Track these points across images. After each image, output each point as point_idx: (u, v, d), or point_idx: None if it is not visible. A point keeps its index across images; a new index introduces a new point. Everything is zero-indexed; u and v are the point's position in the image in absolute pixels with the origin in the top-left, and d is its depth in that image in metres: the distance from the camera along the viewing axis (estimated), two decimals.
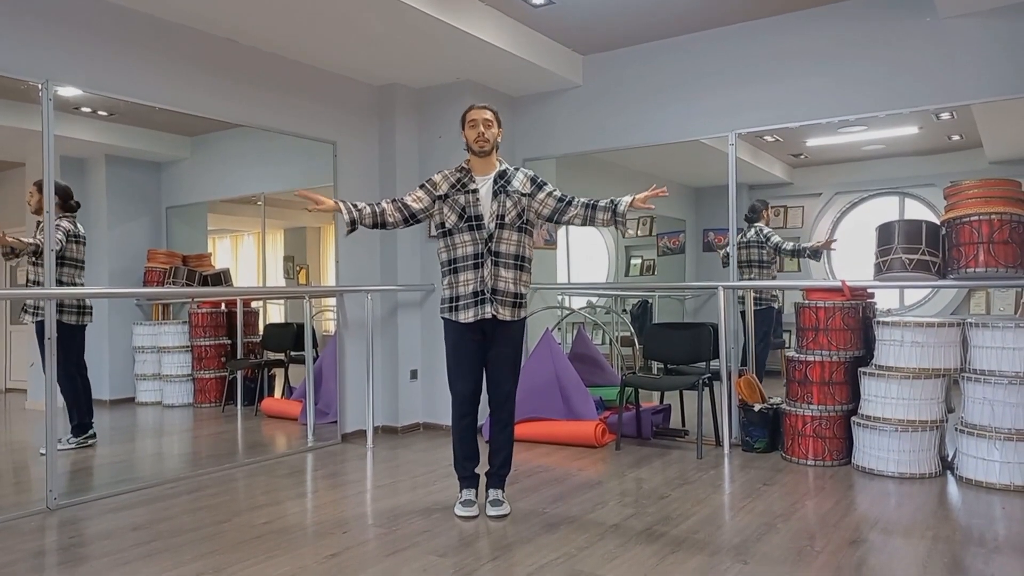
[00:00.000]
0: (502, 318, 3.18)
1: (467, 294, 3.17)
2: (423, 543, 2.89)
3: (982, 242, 3.70)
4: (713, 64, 4.78)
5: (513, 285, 3.20)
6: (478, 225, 3.17)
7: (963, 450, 3.72)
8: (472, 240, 3.18)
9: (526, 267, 3.26)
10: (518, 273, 3.22)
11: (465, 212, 3.18)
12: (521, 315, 3.26)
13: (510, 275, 3.19)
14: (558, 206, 3.25)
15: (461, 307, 3.18)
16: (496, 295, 3.16)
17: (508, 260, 3.18)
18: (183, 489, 3.73)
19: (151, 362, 4.62)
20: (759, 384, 4.53)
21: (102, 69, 3.73)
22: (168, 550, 2.83)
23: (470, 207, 3.19)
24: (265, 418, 5.13)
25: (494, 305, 3.15)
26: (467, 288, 3.17)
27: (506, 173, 3.27)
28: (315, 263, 5.35)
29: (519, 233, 3.22)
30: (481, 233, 3.17)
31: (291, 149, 4.81)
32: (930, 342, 3.82)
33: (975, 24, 4.02)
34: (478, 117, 3.22)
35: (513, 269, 3.20)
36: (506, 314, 3.18)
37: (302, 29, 4.19)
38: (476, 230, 3.17)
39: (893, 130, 4.53)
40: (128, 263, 4.40)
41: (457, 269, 3.20)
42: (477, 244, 3.17)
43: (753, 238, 5.03)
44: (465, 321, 3.18)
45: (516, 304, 3.22)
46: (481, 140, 3.21)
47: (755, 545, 2.82)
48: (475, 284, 3.16)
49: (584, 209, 3.23)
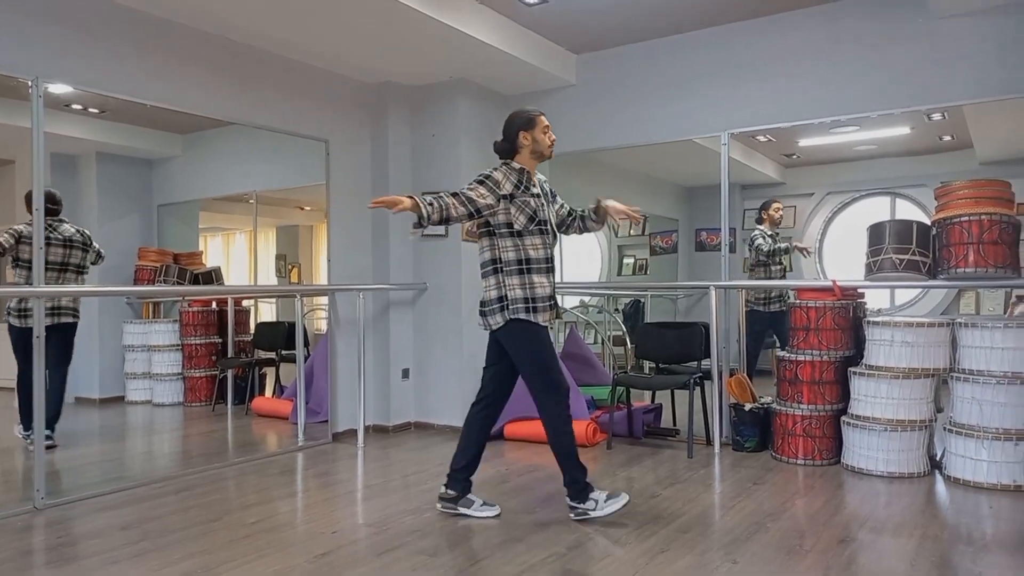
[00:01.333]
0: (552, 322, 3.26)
1: (544, 297, 3.17)
2: (413, 543, 2.89)
3: (972, 242, 3.71)
4: (706, 64, 4.79)
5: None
6: (546, 230, 3.21)
7: (951, 449, 3.74)
8: (544, 244, 3.19)
9: None
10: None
11: (536, 215, 3.17)
12: None
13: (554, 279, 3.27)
14: (567, 219, 3.41)
15: (540, 309, 3.15)
16: (553, 299, 3.23)
17: (553, 264, 3.26)
18: (172, 488, 3.71)
19: (141, 361, 4.60)
20: (750, 383, 4.54)
21: (93, 66, 3.71)
22: (157, 549, 2.82)
23: (540, 211, 3.19)
24: (256, 417, 5.12)
25: (556, 310, 3.24)
26: (544, 291, 3.17)
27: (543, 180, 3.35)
28: (307, 261, 5.33)
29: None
30: (549, 238, 3.22)
31: (284, 147, 4.79)
32: (920, 342, 3.84)
33: (967, 25, 4.04)
34: (549, 124, 3.27)
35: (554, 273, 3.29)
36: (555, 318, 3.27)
37: (295, 26, 4.18)
38: (547, 235, 3.21)
39: (885, 130, 4.55)
40: (119, 261, 4.38)
41: (531, 271, 3.15)
42: (548, 248, 3.21)
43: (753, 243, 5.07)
44: (544, 323, 3.18)
45: None
46: (550, 147, 3.26)
47: (745, 544, 2.83)
48: (549, 288, 3.19)
49: (577, 220, 3.42)
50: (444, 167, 5.19)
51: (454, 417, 5.18)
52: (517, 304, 3.12)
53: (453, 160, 5.13)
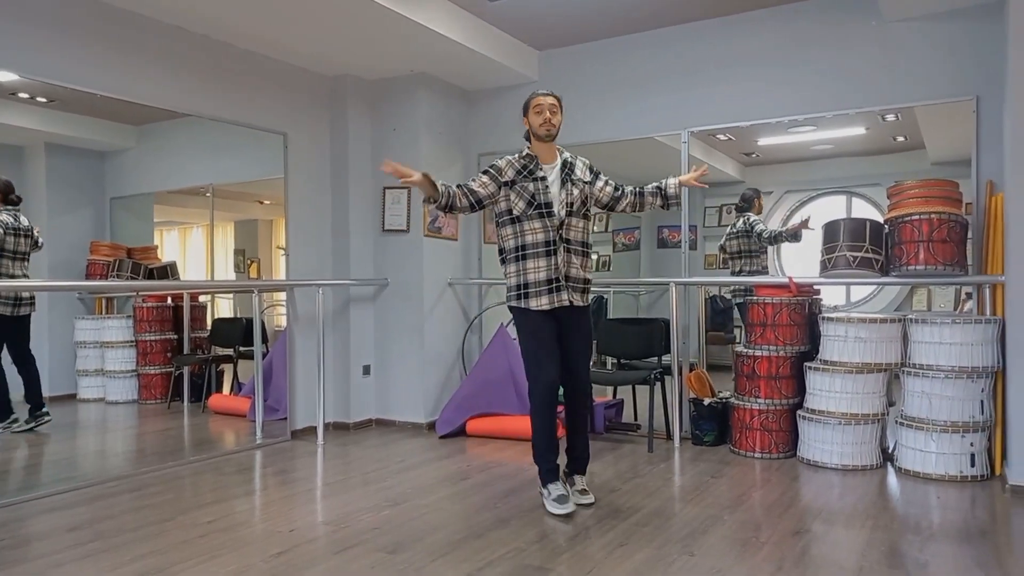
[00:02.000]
0: (577, 304, 3.23)
1: (539, 281, 3.19)
2: (372, 540, 2.87)
3: (922, 240, 3.81)
4: (667, 62, 4.83)
5: (583, 271, 3.27)
6: (548, 212, 3.19)
7: (902, 442, 3.83)
8: (543, 227, 3.19)
9: (590, 253, 3.34)
10: (584, 259, 3.29)
11: (535, 199, 3.19)
12: (588, 300, 3.33)
13: (579, 261, 3.25)
14: (615, 194, 3.40)
15: (533, 294, 3.19)
16: (570, 281, 3.21)
17: (577, 247, 3.25)
18: (126, 487, 3.63)
19: (94, 357, 4.48)
20: (709, 379, 4.60)
21: (41, 54, 3.60)
22: (108, 550, 2.75)
23: (540, 194, 3.20)
24: (213, 415, 5.02)
25: (569, 292, 3.20)
26: (538, 275, 3.19)
27: (568, 161, 3.32)
28: (266, 257, 5.25)
29: (584, 220, 3.30)
30: (552, 220, 3.20)
31: (241, 140, 4.71)
32: (873, 337, 3.93)
33: (917, 28, 4.14)
34: (544, 103, 3.24)
35: (581, 256, 3.27)
36: (579, 300, 3.25)
37: (253, 17, 4.10)
38: (547, 217, 3.19)
39: (841, 131, 4.63)
40: (70, 255, 4.25)
41: (526, 256, 3.20)
42: (548, 231, 3.19)
43: (742, 228, 5.05)
44: (539, 308, 3.18)
45: (586, 290, 3.30)
46: (548, 125, 3.22)
47: (702, 537, 2.86)
48: (548, 271, 3.18)
49: (634, 196, 3.41)
50: (404, 161, 5.10)
51: (415, 414, 5.15)
52: (511, 292, 3.28)
53: (413, 154, 5.09)
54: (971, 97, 4.01)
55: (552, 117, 3.23)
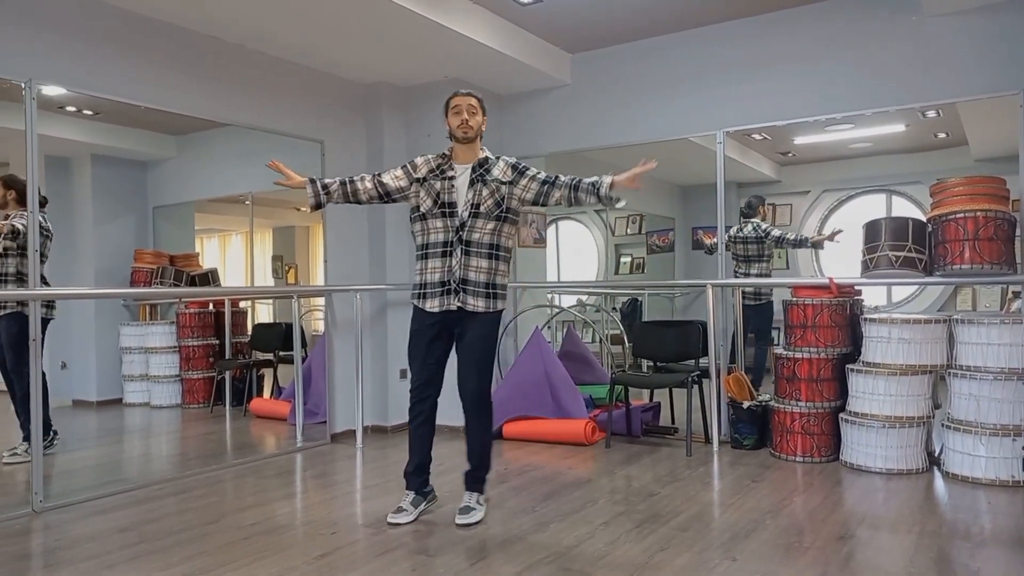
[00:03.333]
0: (472, 309, 3.09)
1: (434, 282, 3.12)
2: (412, 543, 2.89)
3: (967, 239, 3.72)
4: (701, 62, 4.79)
5: (486, 275, 3.10)
6: (451, 212, 3.11)
7: (949, 446, 3.74)
8: (444, 227, 3.11)
9: (503, 256, 3.16)
10: (493, 263, 3.12)
11: (439, 198, 3.13)
12: (496, 307, 3.15)
13: (483, 264, 3.10)
14: (542, 189, 3.14)
15: (428, 295, 3.14)
16: (467, 285, 3.08)
17: (481, 249, 3.10)
18: (171, 491, 3.70)
19: (139, 363, 4.59)
20: (748, 381, 4.54)
21: (87, 68, 3.70)
22: (155, 552, 2.81)
23: (444, 193, 3.13)
24: (254, 419, 5.10)
25: (462, 296, 3.08)
26: (434, 276, 3.12)
27: (487, 162, 3.18)
28: (304, 262, 5.32)
29: (496, 222, 3.12)
30: (452, 221, 3.09)
31: (279, 148, 4.78)
32: (917, 339, 3.84)
33: (960, 22, 4.04)
34: (462, 103, 3.15)
35: (488, 259, 3.11)
36: (478, 304, 3.09)
37: (289, 27, 4.17)
38: (448, 217, 3.11)
39: (880, 128, 4.56)
40: (114, 263, 4.37)
41: (427, 255, 3.15)
42: (448, 232, 3.10)
43: (751, 233, 5.03)
44: (430, 310, 3.14)
45: (489, 295, 3.12)
46: (464, 127, 3.13)
47: (743, 541, 2.83)
48: (442, 273, 3.10)
49: (568, 191, 3.11)
50: None
51: (452, 417, 5.14)
52: (414, 290, 3.22)
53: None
54: (1016, 91, 3.90)
55: (470, 118, 3.12)
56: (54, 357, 3.97)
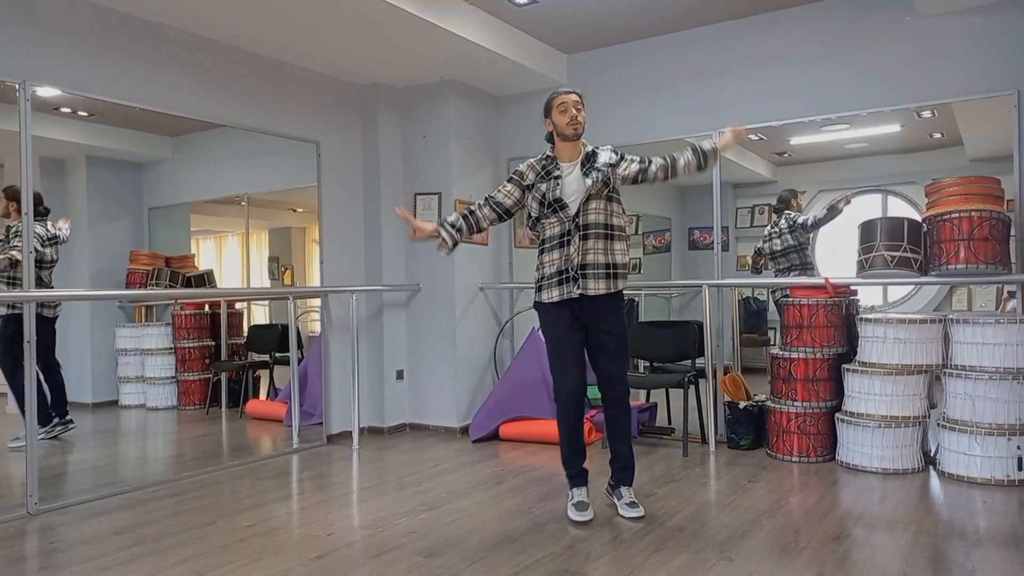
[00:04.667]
0: (594, 292, 3.08)
1: (551, 273, 3.14)
2: (408, 544, 2.89)
3: (962, 239, 3.73)
4: (696, 63, 4.80)
5: (604, 255, 3.10)
6: (561, 206, 3.12)
7: (945, 445, 3.75)
8: (558, 220, 3.12)
9: (617, 235, 3.15)
10: (608, 243, 3.12)
11: (546, 198, 3.14)
12: (618, 287, 3.13)
13: (600, 245, 3.10)
14: (641, 167, 3.18)
15: (545, 287, 3.16)
16: (586, 269, 3.08)
17: (598, 230, 3.10)
18: (166, 492, 3.69)
19: (134, 364, 4.57)
20: (744, 381, 4.55)
21: (81, 69, 3.69)
22: (151, 554, 2.81)
23: (550, 192, 3.14)
24: (250, 420, 5.09)
25: (582, 281, 3.08)
26: (552, 268, 3.14)
27: (594, 155, 3.19)
28: (300, 264, 5.32)
29: (607, 202, 3.13)
30: (567, 212, 3.11)
31: (274, 149, 4.78)
32: (912, 338, 3.85)
33: (954, 23, 4.06)
34: (568, 100, 3.15)
35: (604, 239, 3.11)
36: (599, 287, 3.09)
37: (284, 28, 4.17)
38: (560, 211, 3.12)
39: (875, 128, 4.56)
40: (110, 264, 4.35)
41: (544, 251, 3.18)
42: (563, 223, 3.11)
43: (785, 226, 5.01)
44: (550, 300, 3.13)
45: (610, 275, 3.11)
46: (574, 123, 3.13)
47: (740, 541, 2.83)
48: (560, 263, 3.11)
49: (666, 171, 3.18)
50: (435, 168, 5.18)
51: (449, 418, 5.17)
52: (535, 285, 3.24)
53: (444, 161, 5.13)
54: (1011, 92, 3.92)
55: (578, 114, 3.15)
56: None
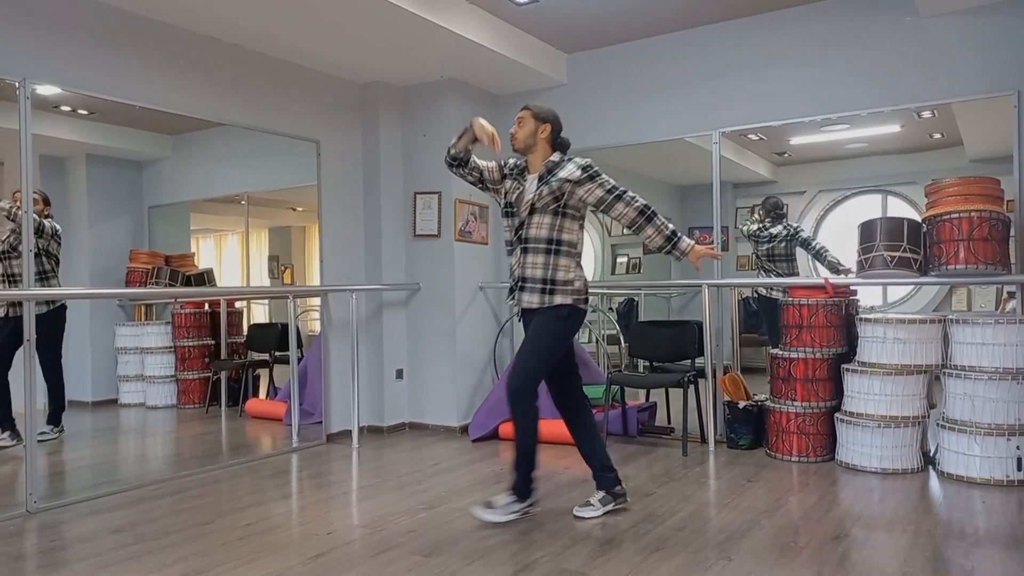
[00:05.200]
0: (527, 306, 3.12)
1: (511, 278, 3.23)
2: (408, 543, 2.89)
3: (962, 239, 3.73)
4: (697, 63, 4.80)
5: (542, 270, 3.09)
6: (513, 213, 3.21)
7: (944, 445, 3.75)
8: (509, 226, 3.24)
9: (564, 251, 3.11)
10: (549, 257, 3.09)
11: (507, 198, 3.25)
12: (552, 301, 3.08)
13: (539, 260, 3.09)
14: (605, 198, 3.11)
15: (513, 289, 3.23)
16: (524, 282, 3.13)
17: (539, 245, 3.11)
18: (166, 491, 3.69)
19: (134, 363, 4.58)
20: (743, 381, 4.55)
21: (82, 67, 3.69)
22: (150, 552, 2.81)
23: (510, 194, 3.24)
24: (249, 419, 5.10)
25: (519, 294, 3.15)
26: (512, 272, 3.23)
27: (555, 166, 3.16)
28: (300, 262, 5.32)
29: (554, 216, 3.10)
30: (513, 221, 3.22)
31: (274, 148, 4.78)
32: (912, 338, 3.86)
33: (954, 23, 4.06)
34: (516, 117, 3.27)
35: (544, 254, 3.09)
36: (532, 301, 3.10)
37: (284, 26, 4.17)
38: (510, 217, 3.23)
39: (875, 128, 4.56)
40: (110, 263, 4.36)
41: (510, 252, 3.27)
42: (511, 232, 3.23)
43: (782, 233, 5.03)
44: (512, 303, 3.23)
45: (545, 290, 3.09)
46: (511, 139, 3.25)
47: (739, 541, 2.83)
48: (517, 269, 3.18)
49: (637, 215, 3.12)
50: (435, 167, 5.17)
51: (448, 417, 5.17)
52: None
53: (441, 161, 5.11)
54: (1011, 92, 3.92)
55: (516, 131, 3.21)
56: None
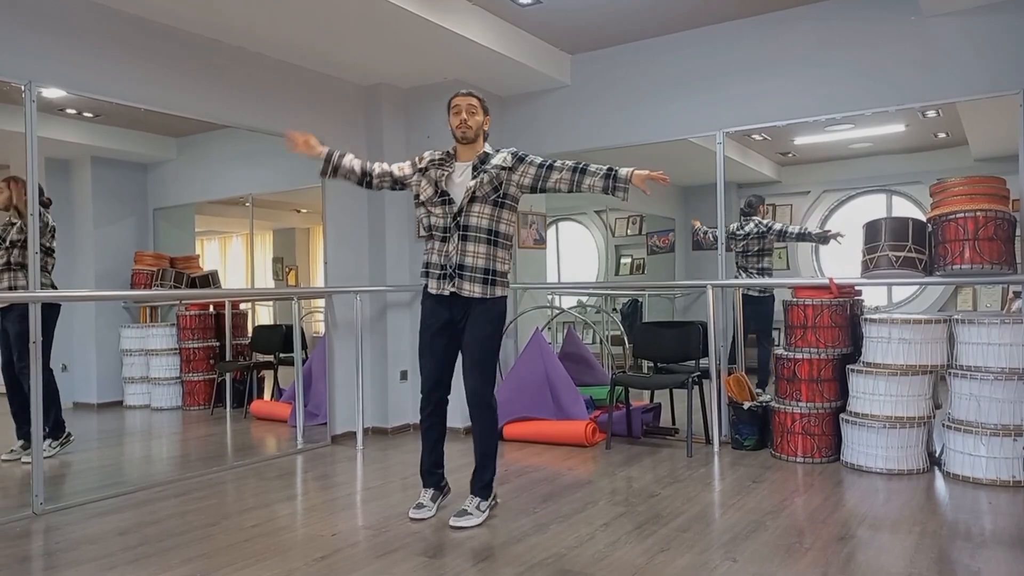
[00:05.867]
0: (468, 295, 3.07)
1: (434, 263, 3.14)
2: (413, 544, 2.89)
3: (968, 239, 3.72)
4: (701, 63, 4.79)
5: (484, 260, 3.08)
6: (448, 200, 3.13)
7: (950, 446, 3.74)
8: (442, 213, 3.13)
9: (501, 243, 3.13)
10: (491, 248, 3.10)
11: (438, 187, 3.16)
12: (494, 293, 3.11)
13: (481, 249, 3.08)
14: (539, 172, 3.13)
15: (431, 275, 3.15)
16: (463, 271, 3.07)
17: (479, 234, 3.09)
18: (171, 493, 3.70)
19: (139, 365, 4.59)
20: (748, 382, 4.54)
21: (86, 70, 3.70)
22: (155, 554, 2.81)
23: (441, 182, 3.16)
24: (254, 420, 5.11)
25: (458, 281, 3.07)
26: (434, 258, 3.14)
27: (487, 157, 3.18)
28: (304, 264, 5.33)
29: (494, 207, 3.11)
30: (451, 208, 3.12)
31: (278, 150, 4.74)
32: (917, 339, 3.84)
33: (959, 22, 4.04)
34: (462, 103, 3.16)
35: (485, 244, 3.09)
36: (475, 291, 3.07)
37: (288, 29, 4.17)
38: (446, 205, 3.13)
39: (880, 128, 4.56)
40: (115, 265, 4.37)
41: (432, 236, 3.18)
42: (447, 218, 3.12)
43: (753, 230, 5.05)
44: (431, 291, 3.15)
45: (487, 280, 3.08)
46: (464, 127, 3.15)
47: (744, 542, 2.83)
48: (440, 257, 3.11)
49: (572, 173, 3.10)
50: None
51: (453, 418, 5.14)
52: (421, 272, 3.23)
53: None
54: (1016, 91, 3.90)
55: (469, 118, 3.14)
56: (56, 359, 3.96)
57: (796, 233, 5.18)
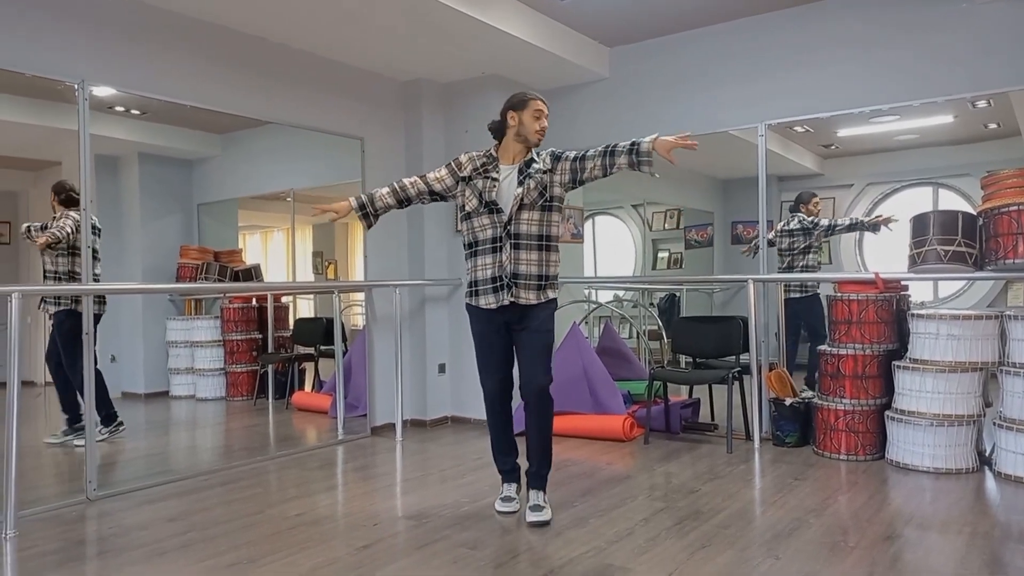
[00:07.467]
0: (525, 302, 3.06)
1: (485, 279, 3.09)
2: (453, 535, 2.91)
3: (1021, 232, 3.61)
4: (741, 54, 4.73)
5: (537, 267, 3.07)
6: (497, 209, 3.08)
7: (1001, 445, 3.64)
8: (491, 224, 3.07)
9: (552, 246, 3.11)
10: (543, 254, 3.09)
11: (483, 197, 3.09)
12: (547, 296, 3.11)
13: (533, 256, 3.06)
14: (575, 166, 3.10)
15: (480, 292, 3.12)
16: (518, 279, 3.05)
17: (531, 241, 3.06)
18: (217, 481, 3.79)
19: (184, 356, 4.70)
20: (790, 378, 4.48)
21: (135, 69, 3.79)
22: (203, 541, 2.88)
23: (487, 192, 3.08)
24: (296, 411, 5.19)
25: (515, 290, 3.05)
26: (485, 273, 3.09)
27: (531, 161, 3.15)
28: (343, 258, 5.39)
29: (543, 212, 3.08)
30: (500, 216, 3.06)
31: (319, 145, 4.85)
32: (967, 335, 3.75)
33: (1012, 8, 3.92)
34: (544, 109, 3.15)
35: (537, 250, 3.07)
36: (530, 298, 3.06)
37: (329, 26, 4.22)
38: (494, 213, 3.08)
39: (927, 119, 4.44)
40: (161, 259, 4.48)
41: (476, 253, 3.12)
42: (496, 227, 3.06)
43: (796, 226, 4.97)
44: (486, 307, 3.10)
45: (541, 286, 3.08)
46: (542, 132, 3.13)
47: (787, 540, 2.79)
48: (493, 269, 3.06)
49: (602, 158, 3.06)
50: None
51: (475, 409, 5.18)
52: (467, 289, 3.19)
53: None
54: None
55: (545, 126, 3.15)
56: (104, 351, 4.08)
57: (845, 225, 5.05)
